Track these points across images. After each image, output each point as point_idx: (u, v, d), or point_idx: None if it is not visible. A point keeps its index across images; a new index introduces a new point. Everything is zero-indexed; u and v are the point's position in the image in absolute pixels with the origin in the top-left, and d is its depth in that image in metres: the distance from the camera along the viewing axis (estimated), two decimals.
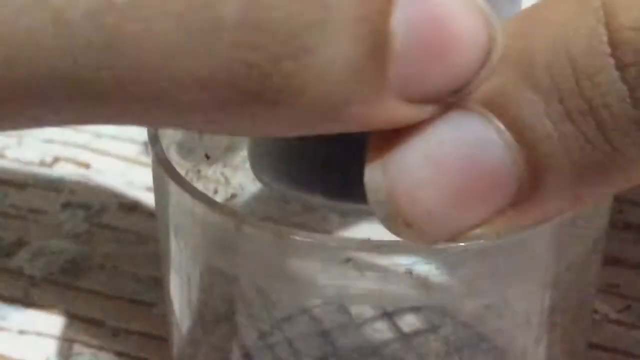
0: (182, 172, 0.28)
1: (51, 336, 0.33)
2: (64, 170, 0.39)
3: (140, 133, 0.39)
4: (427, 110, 0.17)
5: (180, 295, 0.29)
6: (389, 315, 0.33)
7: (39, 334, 0.33)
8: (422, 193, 0.18)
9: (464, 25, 0.17)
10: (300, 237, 0.24)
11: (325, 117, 0.17)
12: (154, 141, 0.26)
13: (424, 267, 0.24)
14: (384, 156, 0.18)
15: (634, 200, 0.38)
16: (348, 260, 0.24)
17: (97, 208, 0.38)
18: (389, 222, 0.18)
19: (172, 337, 0.30)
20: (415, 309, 0.32)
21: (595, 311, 0.34)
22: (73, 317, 0.34)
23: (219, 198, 0.33)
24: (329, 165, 0.26)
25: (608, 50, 0.17)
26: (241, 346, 0.31)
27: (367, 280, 0.24)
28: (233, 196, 0.34)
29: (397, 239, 0.19)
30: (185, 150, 0.30)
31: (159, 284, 0.31)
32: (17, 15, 0.14)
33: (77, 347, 0.33)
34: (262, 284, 0.27)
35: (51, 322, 0.34)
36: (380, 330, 0.32)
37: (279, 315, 0.32)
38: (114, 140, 0.40)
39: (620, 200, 0.38)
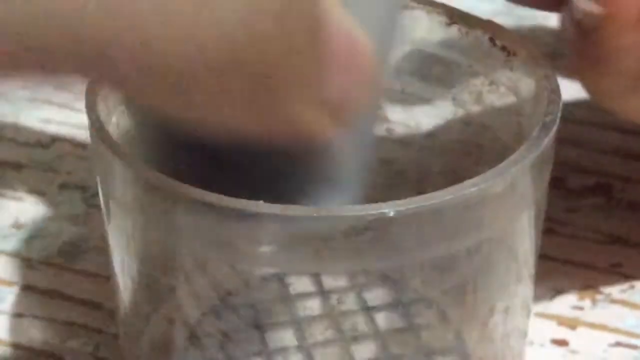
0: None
1: (48, 319, 0.33)
2: (61, 151, 0.39)
3: None
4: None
5: (122, 269, 0.29)
6: (357, 287, 0.32)
7: (35, 316, 0.33)
8: None
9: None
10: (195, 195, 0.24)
11: None
12: (90, 107, 0.26)
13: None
14: None
15: (637, 179, 0.38)
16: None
17: (95, 189, 0.37)
18: None
19: (119, 311, 0.30)
20: (383, 280, 0.32)
21: (599, 291, 0.34)
22: (70, 300, 0.34)
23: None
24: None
25: None
26: (184, 321, 0.31)
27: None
28: None
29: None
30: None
31: None
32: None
33: (74, 330, 0.33)
34: (199, 253, 0.26)
35: (48, 305, 0.33)
36: (345, 302, 0.32)
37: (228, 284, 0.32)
38: None
39: (623, 179, 0.38)
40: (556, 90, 0.27)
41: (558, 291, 0.33)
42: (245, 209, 0.23)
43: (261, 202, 0.23)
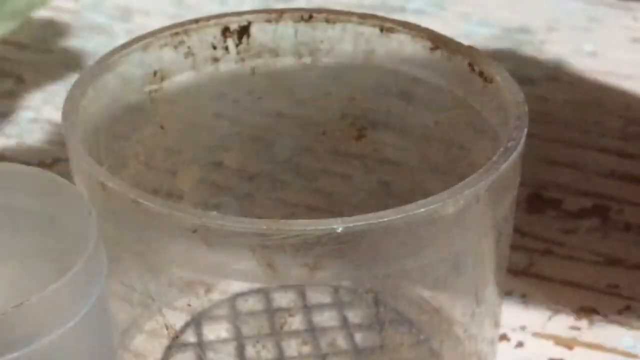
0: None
1: None
2: (63, 171, 0.39)
3: None
4: None
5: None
6: (339, 305, 0.33)
7: None
8: None
9: None
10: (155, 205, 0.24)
11: None
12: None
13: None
14: None
15: (633, 201, 0.38)
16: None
17: None
18: None
19: None
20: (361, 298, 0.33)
21: (595, 311, 0.34)
22: None
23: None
24: None
25: None
26: (164, 333, 0.31)
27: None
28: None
29: None
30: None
31: None
32: None
33: None
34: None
35: None
36: (327, 318, 0.33)
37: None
38: None
39: (620, 202, 0.38)
40: (523, 117, 0.27)
41: (555, 311, 0.34)
42: (195, 221, 0.23)
43: (214, 213, 0.24)
